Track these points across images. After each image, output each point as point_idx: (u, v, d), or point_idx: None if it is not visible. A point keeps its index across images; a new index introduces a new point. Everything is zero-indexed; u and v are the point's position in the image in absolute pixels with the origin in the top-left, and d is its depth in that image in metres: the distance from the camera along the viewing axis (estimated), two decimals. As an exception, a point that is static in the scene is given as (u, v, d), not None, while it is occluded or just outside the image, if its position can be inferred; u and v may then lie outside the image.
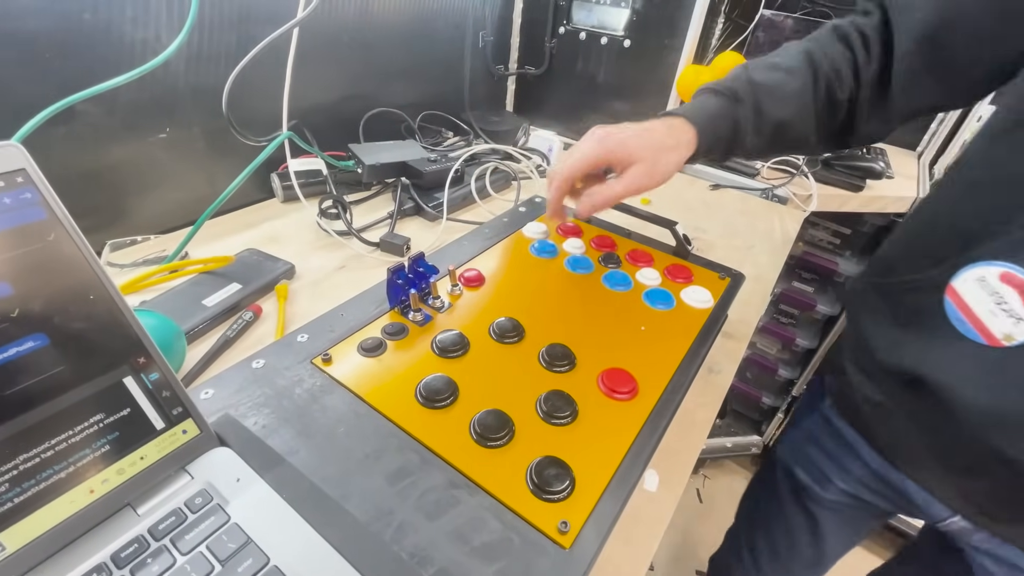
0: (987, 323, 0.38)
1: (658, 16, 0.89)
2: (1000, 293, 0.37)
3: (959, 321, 0.40)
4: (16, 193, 0.28)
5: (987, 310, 0.38)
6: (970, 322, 0.39)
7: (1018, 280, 0.36)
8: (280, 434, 0.34)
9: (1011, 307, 0.37)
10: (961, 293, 0.40)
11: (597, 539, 0.30)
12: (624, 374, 0.41)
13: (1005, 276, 0.37)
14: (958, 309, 0.40)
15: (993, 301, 0.38)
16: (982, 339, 0.39)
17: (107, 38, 0.52)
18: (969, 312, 0.39)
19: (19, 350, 0.27)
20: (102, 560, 0.27)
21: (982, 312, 0.38)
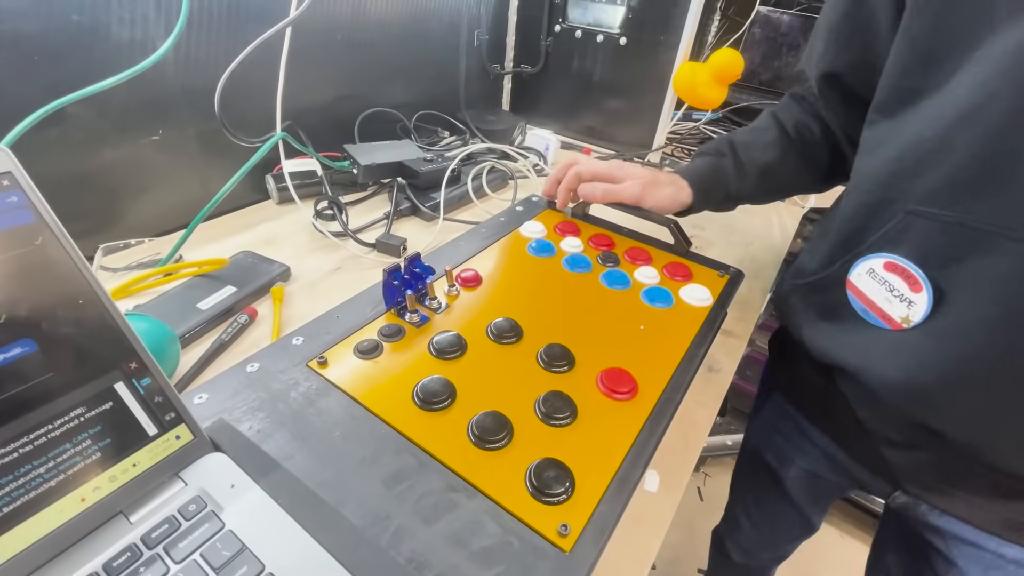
0: (886, 309, 0.41)
1: (654, 13, 0.89)
2: (889, 281, 0.41)
3: (863, 311, 0.43)
4: (2, 196, 0.27)
5: (883, 297, 0.42)
6: (872, 311, 0.43)
7: (899, 267, 0.40)
8: (275, 439, 0.34)
9: (901, 292, 0.40)
10: (858, 285, 0.43)
11: (598, 542, 0.30)
12: (623, 374, 0.40)
13: (888, 265, 0.41)
14: (859, 300, 0.44)
15: (885, 289, 0.41)
16: (885, 324, 0.42)
17: (97, 40, 0.52)
18: (869, 301, 0.43)
19: (6, 356, 0.26)
20: (94, 570, 0.26)
21: (879, 300, 0.42)
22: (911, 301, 0.39)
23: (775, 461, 0.67)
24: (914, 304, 0.39)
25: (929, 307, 0.39)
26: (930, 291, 0.38)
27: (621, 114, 1.02)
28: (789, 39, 1.30)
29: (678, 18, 0.86)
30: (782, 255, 0.77)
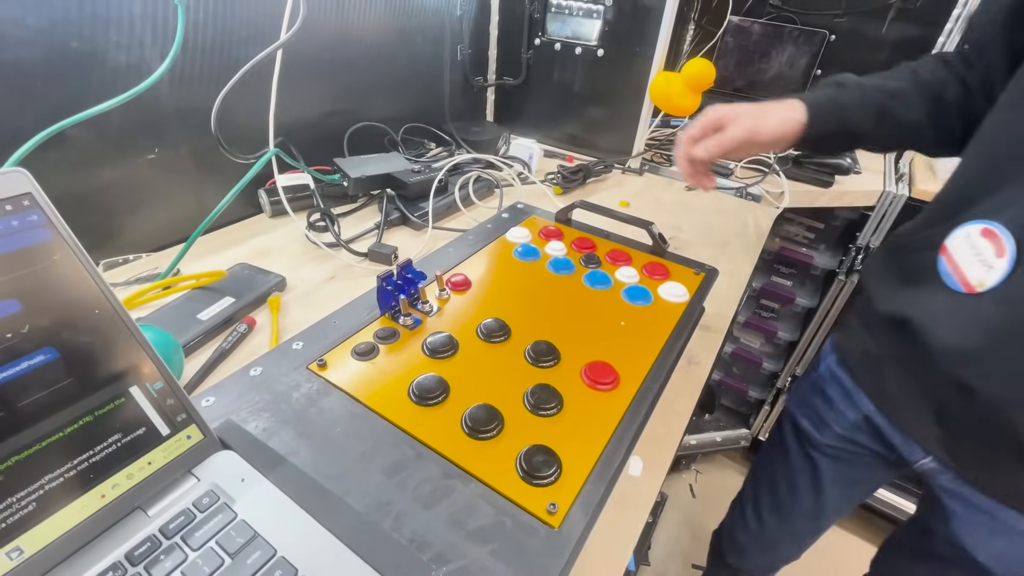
0: (966, 272, 0.43)
1: (628, 26, 0.93)
2: (979, 247, 0.42)
3: (947, 275, 0.45)
4: (23, 215, 0.30)
5: (967, 261, 0.43)
6: (955, 275, 0.44)
7: (993, 233, 0.41)
8: (280, 436, 0.36)
9: (985, 257, 0.42)
10: (951, 250, 0.45)
11: (584, 518, 0.32)
12: (606, 366, 0.43)
13: (985, 231, 0.42)
14: (947, 264, 0.45)
15: (973, 254, 0.43)
16: (962, 288, 0.44)
17: (95, 64, 0.54)
18: (955, 266, 0.44)
19: (31, 363, 0.29)
20: (117, 559, 0.28)
21: (963, 263, 0.44)
22: (991, 266, 0.41)
23: (810, 426, 0.68)
24: (992, 269, 0.41)
25: (1006, 274, 0.40)
26: (1013, 258, 0.40)
27: (601, 122, 1.05)
28: (760, 47, 1.35)
29: (652, 30, 0.90)
30: (757, 254, 0.81)
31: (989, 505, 0.52)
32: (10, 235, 0.29)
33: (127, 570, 0.28)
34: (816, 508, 0.72)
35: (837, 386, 0.64)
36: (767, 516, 0.79)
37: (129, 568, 0.28)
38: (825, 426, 0.66)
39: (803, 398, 0.71)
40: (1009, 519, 0.51)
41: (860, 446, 0.64)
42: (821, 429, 0.67)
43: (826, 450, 0.68)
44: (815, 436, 0.68)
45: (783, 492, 0.76)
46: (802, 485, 0.72)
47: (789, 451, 0.73)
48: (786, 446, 0.74)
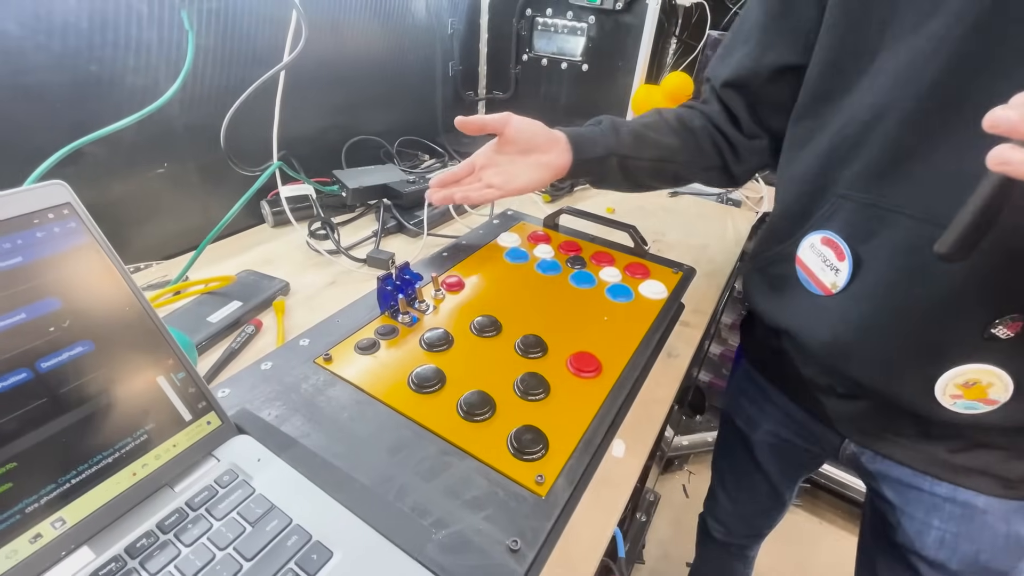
0: (820, 277, 0.49)
1: (611, 43, 0.98)
2: (823, 254, 0.49)
3: (805, 281, 0.51)
4: (64, 223, 0.33)
5: (819, 267, 0.49)
6: (812, 281, 0.51)
7: (831, 241, 0.48)
8: (292, 422, 0.40)
9: (831, 262, 0.48)
10: (803, 258, 0.51)
11: (569, 488, 0.36)
12: (589, 356, 0.47)
13: (824, 240, 0.49)
14: (803, 272, 0.51)
15: (821, 260, 0.49)
16: (820, 291, 0.50)
17: (111, 86, 0.58)
18: (809, 272, 0.51)
19: (71, 354, 0.32)
20: (149, 528, 0.32)
21: (816, 270, 0.50)
22: (837, 269, 0.48)
23: (745, 426, 0.73)
24: (839, 271, 0.47)
25: (850, 273, 0.46)
26: (851, 260, 0.46)
27: (587, 133, 1.10)
28: (739, 60, 1.41)
29: (632, 47, 0.95)
30: (736, 255, 0.85)
31: (911, 477, 0.55)
32: (52, 240, 0.33)
33: (159, 537, 0.31)
34: (771, 488, 0.78)
35: (754, 386, 0.69)
36: (735, 495, 0.85)
37: (160, 536, 0.31)
38: (755, 424, 0.71)
39: (731, 401, 0.76)
40: (935, 488, 0.53)
41: (787, 440, 0.68)
42: (752, 427, 0.72)
43: (762, 446, 0.73)
44: (749, 434, 0.73)
45: (740, 479, 0.82)
46: (753, 472, 0.77)
47: (734, 447, 0.78)
48: (730, 443, 0.79)
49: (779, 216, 0.57)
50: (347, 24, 0.83)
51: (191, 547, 0.31)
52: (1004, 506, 0.51)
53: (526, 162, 0.57)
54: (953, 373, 0.44)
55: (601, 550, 0.39)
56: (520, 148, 0.58)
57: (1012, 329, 0.41)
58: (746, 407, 0.72)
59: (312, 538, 0.32)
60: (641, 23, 0.93)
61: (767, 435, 0.70)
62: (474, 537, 0.32)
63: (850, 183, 0.47)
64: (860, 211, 0.46)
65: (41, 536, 0.30)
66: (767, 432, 0.70)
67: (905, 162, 0.43)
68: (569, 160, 0.57)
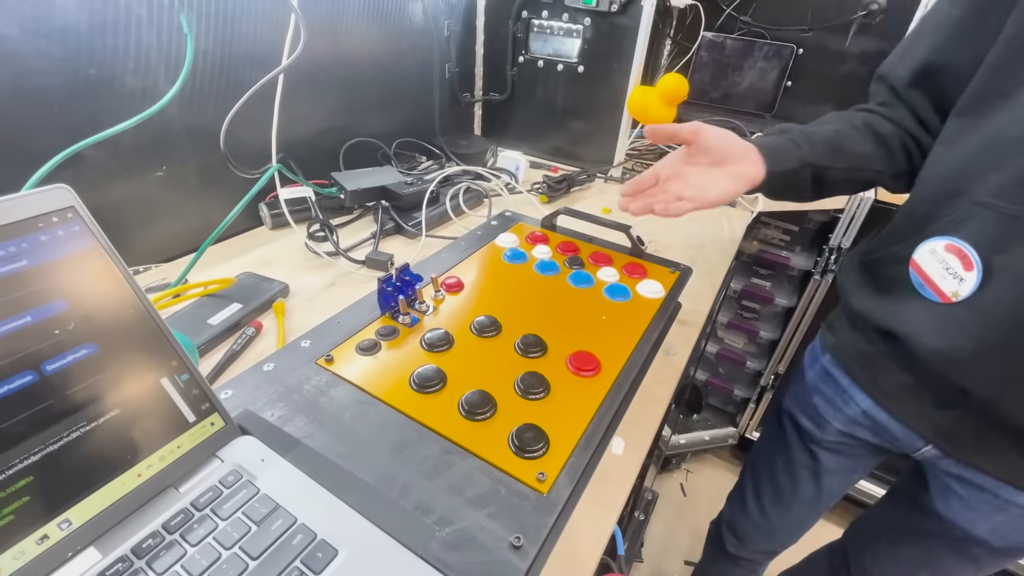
0: (940, 285, 0.48)
1: (606, 44, 0.99)
2: (946, 261, 0.48)
3: (920, 286, 0.50)
4: (68, 226, 0.34)
5: (939, 274, 0.48)
6: (928, 286, 0.50)
7: (958, 249, 0.47)
8: (295, 422, 0.40)
9: (955, 271, 0.47)
10: (919, 263, 0.50)
11: (570, 485, 0.37)
12: (588, 355, 0.48)
13: (949, 247, 0.48)
14: (919, 276, 0.50)
15: (943, 267, 0.48)
16: (937, 298, 0.49)
17: (110, 89, 0.58)
18: (927, 278, 0.49)
19: (76, 356, 0.32)
20: (155, 528, 0.32)
21: (935, 276, 0.49)
22: (962, 278, 0.46)
23: (811, 423, 0.72)
24: (964, 281, 0.46)
25: (977, 284, 0.45)
26: (980, 271, 0.45)
27: (584, 134, 1.11)
28: (733, 60, 1.43)
29: (628, 48, 0.96)
30: (732, 255, 0.86)
31: (990, 484, 0.55)
32: (57, 243, 0.33)
33: (165, 537, 0.32)
34: (815, 496, 0.77)
35: (833, 384, 0.67)
36: (769, 506, 0.83)
37: (167, 536, 0.32)
38: (825, 423, 0.69)
39: (800, 397, 0.74)
40: (1009, 495, 0.54)
41: (859, 440, 0.67)
42: (821, 426, 0.70)
43: (827, 445, 0.71)
44: (816, 433, 0.71)
45: (784, 483, 0.79)
46: (803, 477, 0.76)
47: (790, 446, 0.76)
48: (786, 442, 0.77)
49: (904, 214, 0.56)
50: (345, 27, 0.84)
51: (197, 547, 0.31)
52: None
53: (719, 173, 0.54)
54: None
55: (602, 546, 0.40)
56: (713, 159, 0.54)
57: None
58: (819, 405, 0.70)
59: (317, 537, 0.32)
60: (636, 25, 0.93)
61: (836, 435, 0.69)
62: (477, 534, 0.33)
63: (992, 191, 0.45)
64: (999, 221, 0.44)
65: (48, 537, 0.30)
66: (837, 431, 0.69)
67: None
68: (763, 172, 0.54)
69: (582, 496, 0.41)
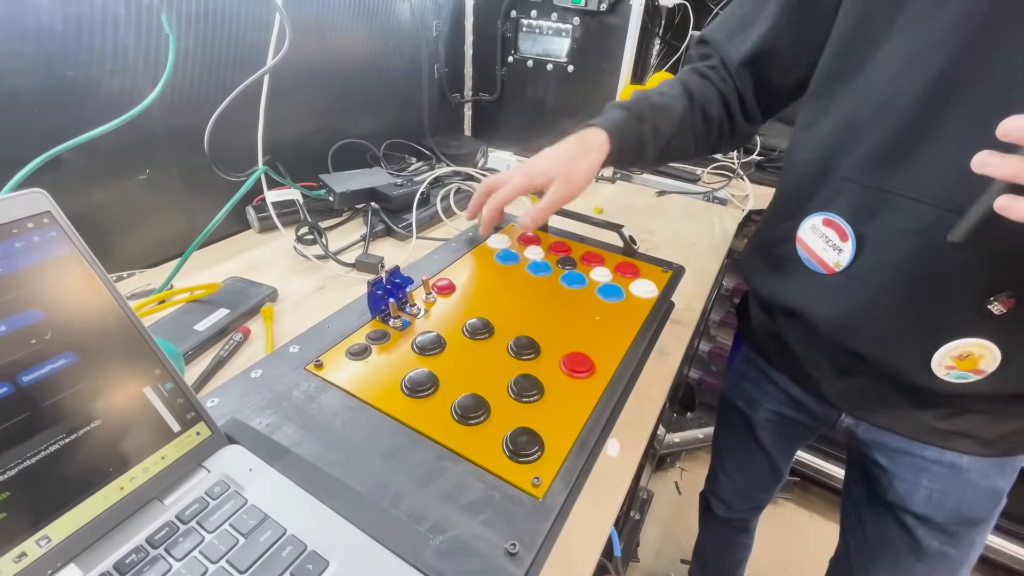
0: (823, 257, 0.52)
1: (596, 44, 0.99)
2: (826, 234, 0.51)
3: (807, 260, 0.54)
4: (44, 232, 0.33)
5: (821, 248, 0.52)
6: (813, 260, 0.53)
7: (833, 222, 0.50)
8: (283, 430, 0.39)
9: (834, 243, 0.50)
10: (803, 238, 0.54)
11: (565, 489, 0.36)
12: (582, 357, 0.47)
13: (826, 221, 0.51)
14: (804, 251, 0.54)
15: (824, 241, 0.51)
16: (823, 270, 0.52)
17: (89, 91, 0.57)
18: (811, 251, 0.53)
19: (53, 367, 0.31)
20: (139, 543, 0.31)
21: (818, 249, 0.52)
22: (840, 249, 0.50)
23: (746, 407, 0.77)
24: (842, 251, 0.50)
25: (853, 253, 0.49)
26: (854, 240, 0.49)
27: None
28: (721, 59, 1.43)
29: (617, 47, 0.96)
30: (723, 253, 0.86)
31: (904, 444, 0.58)
32: (32, 250, 0.32)
33: (149, 552, 0.31)
34: (769, 462, 0.83)
35: (756, 369, 0.73)
36: (735, 474, 0.90)
37: (151, 551, 0.31)
38: (757, 404, 0.75)
39: (732, 384, 0.80)
40: (924, 452, 0.57)
41: (787, 417, 0.72)
42: (754, 407, 0.76)
43: (763, 425, 0.76)
44: (751, 414, 0.77)
45: (741, 456, 0.86)
46: (753, 449, 0.82)
47: (735, 428, 0.82)
48: (731, 424, 0.83)
49: (782, 197, 0.59)
50: (331, 27, 0.82)
51: (182, 561, 0.30)
52: (984, 463, 0.56)
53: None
54: (950, 347, 0.47)
55: (599, 549, 0.39)
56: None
57: (1005, 305, 0.44)
58: (748, 389, 0.76)
59: (307, 548, 0.31)
60: (625, 24, 0.93)
61: (768, 413, 0.74)
62: (472, 541, 0.32)
63: (854, 167, 0.48)
64: (863, 194, 0.48)
65: (26, 555, 0.29)
66: (768, 411, 0.74)
67: (910, 147, 0.44)
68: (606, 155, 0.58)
69: (578, 499, 0.41)
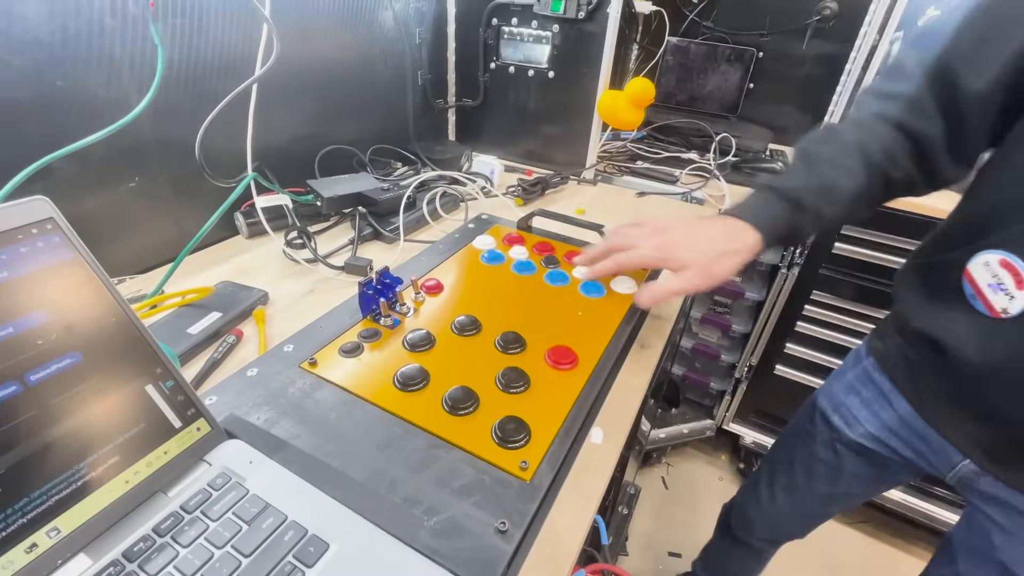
0: (990, 299, 0.48)
1: (575, 50, 1.02)
2: (999, 276, 0.47)
3: (971, 296, 0.50)
4: (47, 237, 0.34)
5: (989, 287, 0.48)
6: (979, 298, 0.49)
7: (1012, 266, 0.46)
8: (281, 424, 0.41)
9: (1007, 287, 0.47)
10: (973, 273, 0.49)
11: (551, 471, 0.38)
12: (566, 349, 0.49)
13: (1003, 262, 0.47)
14: (970, 287, 0.50)
15: (995, 281, 0.47)
16: (986, 311, 0.48)
17: (79, 101, 0.58)
18: (979, 290, 0.49)
19: (59, 366, 0.33)
20: (145, 532, 0.32)
21: (986, 289, 0.48)
22: (1013, 296, 0.46)
23: (841, 422, 0.71)
24: (1015, 299, 0.46)
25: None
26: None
27: (556, 138, 1.14)
28: (697, 64, 1.48)
29: (596, 53, 0.99)
30: (701, 250, 0.89)
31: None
32: (37, 255, 0.33)
33: (155, 541, 0.32)
34: (828, 495, 0.77)
35: (874, 387, 0.67)
36: (779, 494, 0.83)
37: (157, 539, 0.32)
38: (857, 423, 0.69)
39: (836, 396, 0.73)
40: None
41: (890, 449, 0.66)
42: (853, 426, 0.70)
43: (854, 446, 0.70)
44: (845, 432, 0.71)
45: (799, 474, 0.79)
46: (821, 472, 0.75)
47: (815, 440, 0.76)
48: (813, 435, 0.76)
49: (957, 220, 0.54)
50: (317, 36, 0.84)
51: (189, 547, 0.32)
52: None
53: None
54: None
55: (584, 531, 0.41)
56: None
57: None
58: (853, 406, 0.70)
59: (308, 532, 0.33)
60: (603, 31, 0.96)
61: (865, 438, 0.68)
62: (464, 522, 0.34)
63: None
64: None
65: (37, 546, 0.30)
66: (868, 435, 0.68)
67: None
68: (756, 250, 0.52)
69: (564, 484, 0.43)
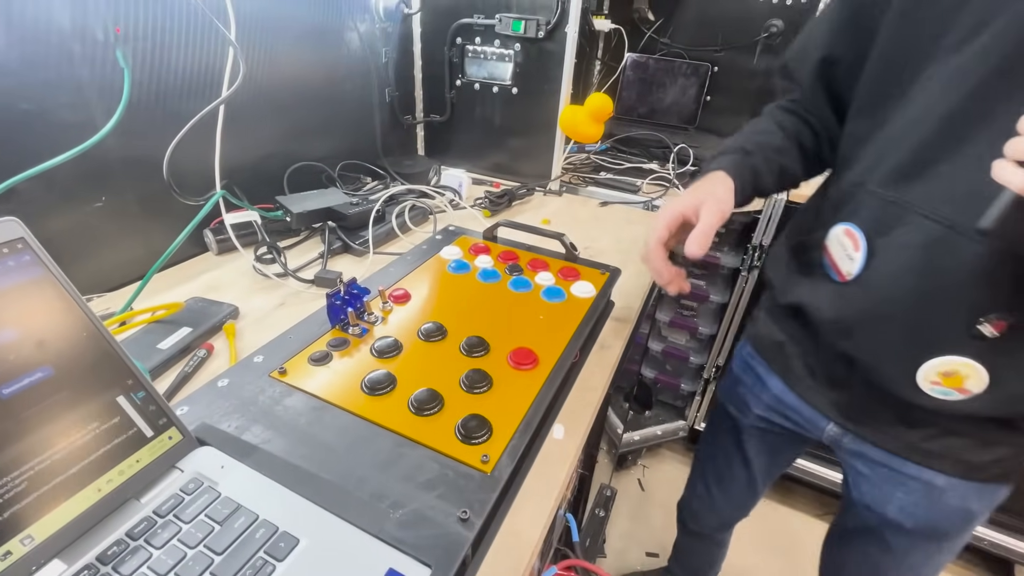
0: (839, 265, 0.54)
1: (536, 68, 1.06)
2: (844, 244, 0.54)
3: (827, 267, 0.57)
4: (18, 256, 0.35)
5: (840, 256, 0.54)
6: (832, 267, 0.56)
7: (852, 233, 0.53)
8: (252, 431, 0.42)
9: (849, 252, 0.53)
10: (828, 247, 0.56)
11: (511, 464, 0.41)
12: (527, 351, 0.52)
13: (847, 231, 0.53)
14: (827, 258, 0.56)
15: (842, 250, 0.54)
16: (836, 277, 0.55)
17: (44, 123, 0.59)
18: (832, 260, 0.56)
19: (31, 380, 0.34)
20: (119, 537, 0.34)
21: (838, 258, 0.55)
22: (852, 259, 0.52)
23: (736, 411, 0.80)
24: (853, 261, 0.52)
25: (862, 264, 0.51)
26: (864, 252, 0.51)
27: (522, 151, 1.18)
28: (657, 79, 1.55)
29: (556, 71, 1.04)
30: (661, 255, 0.94)
31: (885, 458, 0.61)
32: (7, 273, 0.35)
33: (129, 544, 0.33)
34: (748, 478, 0.86)
35: (752, 373, 0.76)
36: (712, 487, 0.92)
37: (131, 543, 0.34)
38: (747, 409, 0.77)
39: (727, 388, 0.83)
40: (903, 467, 0.60)
41: (776, 425, 0.75)
42: (744, 412, 0.79)
43: (750, 430, 0.79)
44: (740, 419, 0.80)
45: (722, 466, 0.89)
46: (735, 461, 0.85)
47: (722, 433, 0.85)
48: (720, 429, 0.86)
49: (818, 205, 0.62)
50: (283, 56, 0.86)
51: (162, 549, 0.33)
52: (962, 486, 0.58)
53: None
54: (937, 362, 0.49)
55: (546, 519, 0.44)
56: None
57: (997, 328, 0.45)
58: (742, 394, 0.78)
59: (279, 529, 0.35)
60: (562, 49, 1.01)
61: (757, 420, 0.77)
62: (428, 512, 0.36)
63: (879, 180, 0.51)
64: (882, 207, 0.50)
65: (11, 553, 0.31)
66: (757, 417, 0.77)
67: (930, 165, 0.46)
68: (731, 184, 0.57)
69: (527, 478, 0.46)
